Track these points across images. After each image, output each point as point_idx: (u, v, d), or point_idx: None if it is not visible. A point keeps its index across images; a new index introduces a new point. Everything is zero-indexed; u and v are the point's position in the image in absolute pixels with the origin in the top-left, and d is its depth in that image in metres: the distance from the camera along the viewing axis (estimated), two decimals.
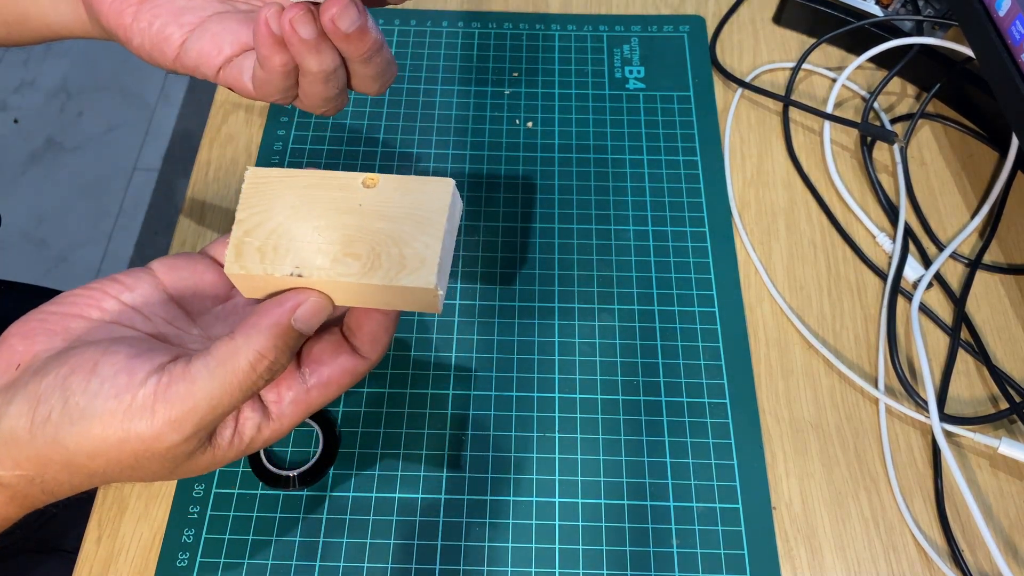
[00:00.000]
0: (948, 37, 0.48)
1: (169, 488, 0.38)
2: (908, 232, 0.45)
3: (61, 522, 0.56)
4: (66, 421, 0.24)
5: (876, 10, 0.50)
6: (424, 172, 0.48)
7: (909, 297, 0.43)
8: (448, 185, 0.26)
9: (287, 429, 0.28)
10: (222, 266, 0.30)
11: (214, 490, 0.38)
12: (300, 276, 0.26)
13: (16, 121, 1.39)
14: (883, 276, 0.44)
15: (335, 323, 0.30)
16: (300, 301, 0.26)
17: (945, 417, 0.39)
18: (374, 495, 0.38)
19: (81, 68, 1.45)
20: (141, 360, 0.25)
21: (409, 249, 0.26)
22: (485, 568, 0.36)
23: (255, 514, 0.37)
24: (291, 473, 0.38)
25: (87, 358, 0.25)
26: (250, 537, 0.37)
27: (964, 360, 0.42)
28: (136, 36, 0.32)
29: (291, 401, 0.28)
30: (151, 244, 1.24)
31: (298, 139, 0.49)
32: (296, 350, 0.27)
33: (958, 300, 0.43)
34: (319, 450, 0.38)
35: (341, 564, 0.36)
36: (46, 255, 1.25)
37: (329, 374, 0.28)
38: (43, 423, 0.24)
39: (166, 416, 0.24)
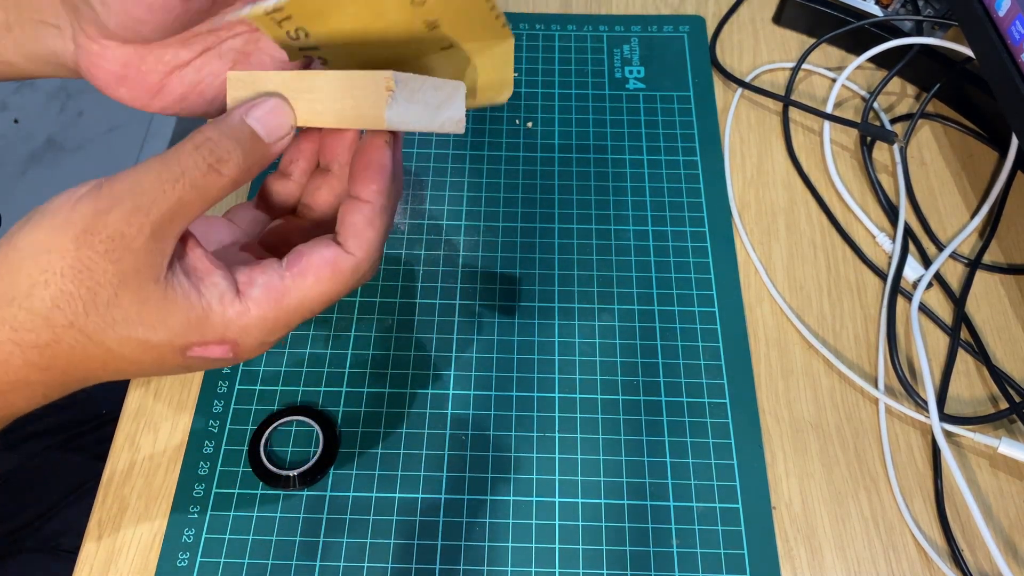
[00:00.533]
0: (948, 37, 0.48)
1: (170, 488, 0.38)
2: (908, 232, 0.45)
3: (61, 522, 0.56)
4: (22, 224, 0.23)
5: (876, 10, 0.50)
6: (424, 172, 0.48)
7: (909, 297, 0.43)
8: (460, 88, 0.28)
9: (255, 322, 0.26)
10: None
11: (214, 490, 0.38)
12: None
13: (16, 121, 1.39)
14: (883, 276, 0.44)
15: (326, 228, 0.29)
16: (258, 103, 0.25)
17: (945, 417, 0.39)
18: (374, 495, 0.38)
19: None
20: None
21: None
22: (485, 568, 0.36)
23: (255, 514, 0.37)
24: (291, 473, 0.38)
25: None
26: (250, 537, 0.37)
27: (964, 360, 0.42)
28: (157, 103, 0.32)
29: (263, 285, 0.26)
30: None
31: None
32: (255, 162, 0.25)
33: (958, 300, 0.43)
34: (319, 450, 0.38)
35: (341, 564, 0.36)
36: None
37: (307, 263, 0.26)
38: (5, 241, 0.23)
39: (110, 197, 0.23)
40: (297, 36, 0.28)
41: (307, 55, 0.30)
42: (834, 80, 0.51)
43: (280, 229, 0.32)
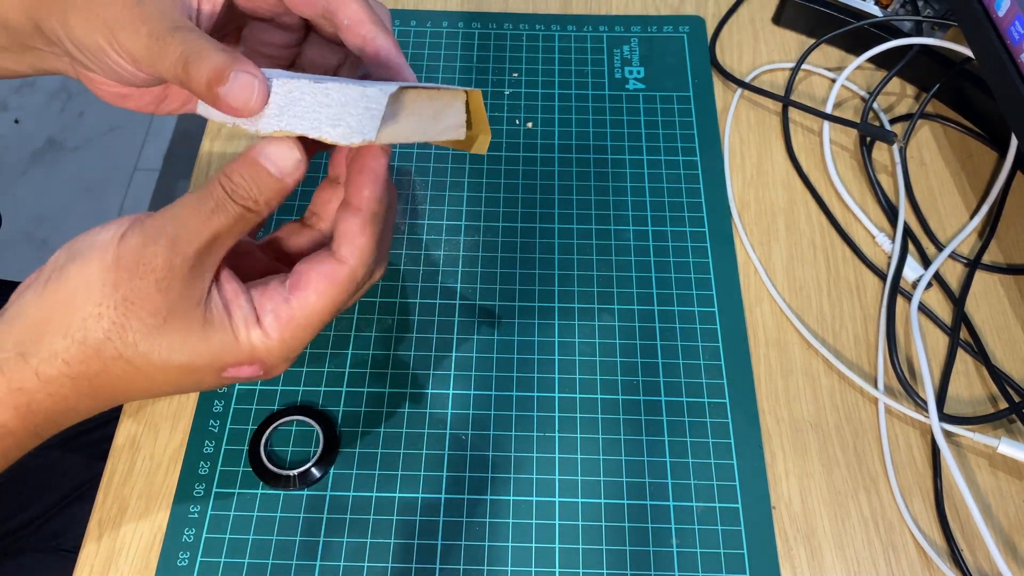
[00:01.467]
0: (947, 37, 0.48)
1: (170, 487, 0.38)
2: (907, 232, 0.45)
3: (61, 522, 0.56)
4: (59, 262, 0.26)
5: (875, 10, 0.50)
6: (425, 172, 0.48)
7: (908, 297, 0.43)
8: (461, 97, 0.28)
9: (276, 344, 0.28)
10: None
11: (214, 489, 0.38)
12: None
13: (17, 121, 1.40)
14: (882, 276, 0.44)
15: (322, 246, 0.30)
16: (267, 143, 0.26)
17: (944, 417, 0.39)
18: (374, 495, 0.38)
19: None
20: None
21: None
22: (485, 567, 0.36)
23: (255, 513, 0.37)
24: (291, 473, 0.38)
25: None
26: (250, 537, 0.37)
27: (963, 360, 0.42)
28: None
29: (272, 312, 0.27)
30: None
31: None
32: (272, 196, 0.26)
33: (957, 300, 0.43)
34: (319, 450, 0.38)
35: (341, 563, 0.36)
36: (47, 255, 1.25)
37: (306, 281, 0.27)
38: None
39: (155, 231, 0.25)
40: None
41: None
42: (834, 80, 0.51)
43: (288, 236, 0.33)
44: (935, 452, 0.39)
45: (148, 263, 0.25)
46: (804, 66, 0.52)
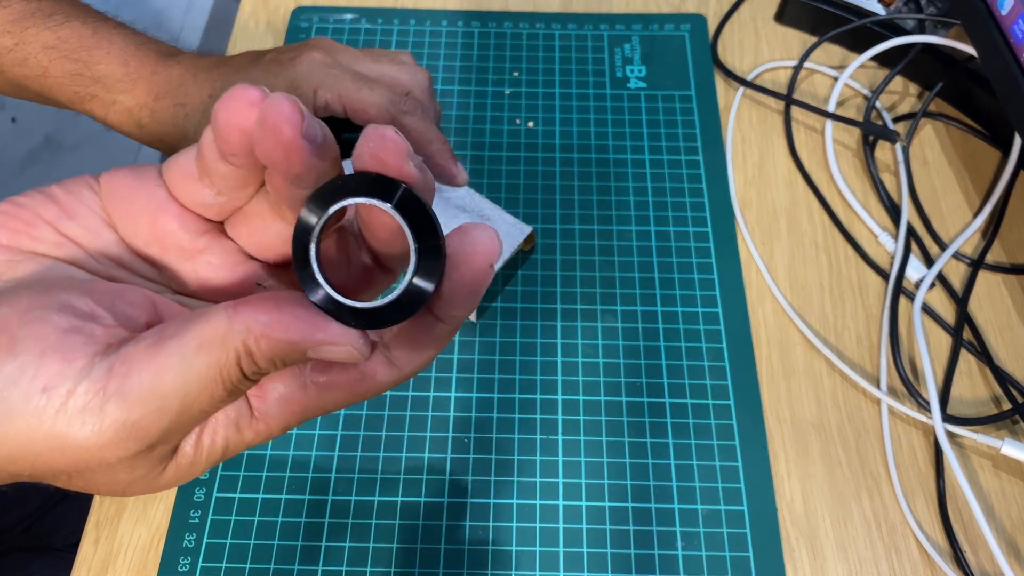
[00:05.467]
0: (950, 36, 0.48)
1: (170, 491, 0.38)
2: (910, 232, 0.45)
3: (51, 520, 0.56)
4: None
5: (878, 8, 0.50)
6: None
7: (911, 297, 0.43)
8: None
9: (275, 433, 0.21)
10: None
11: (215, 494, 0.38)
12: None
13: (14, 120, 1.39)
14: (885, 276, 0.44)
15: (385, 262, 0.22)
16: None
17: (947, 418, 0.39)
18: (376, 499, 0.38)
19: None
20: (80, 336, 0.18)
21: None
22: (489, 571, 0.36)
23: (256, 518, 0.37)
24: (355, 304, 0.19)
25: (1, 326, 0.18)
26: (252, 542, 0.36)
27: (966, 360, 0.42)
28: None
29: (279, 398, 0.20)
30: None
31: None
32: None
33: (960, 300, 0.43)
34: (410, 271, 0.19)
35: (344, 568, 0.36)
36: None
37: (337, 378, 0.20)
38: None
39: (120, 420, 0.17)
40: None
41: None
42: (836, 79, 0.51)
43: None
44: (938, 453, 0.39)
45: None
46: (806, 64, 0.51)
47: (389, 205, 0.18)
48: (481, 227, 0.19)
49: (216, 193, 0.20)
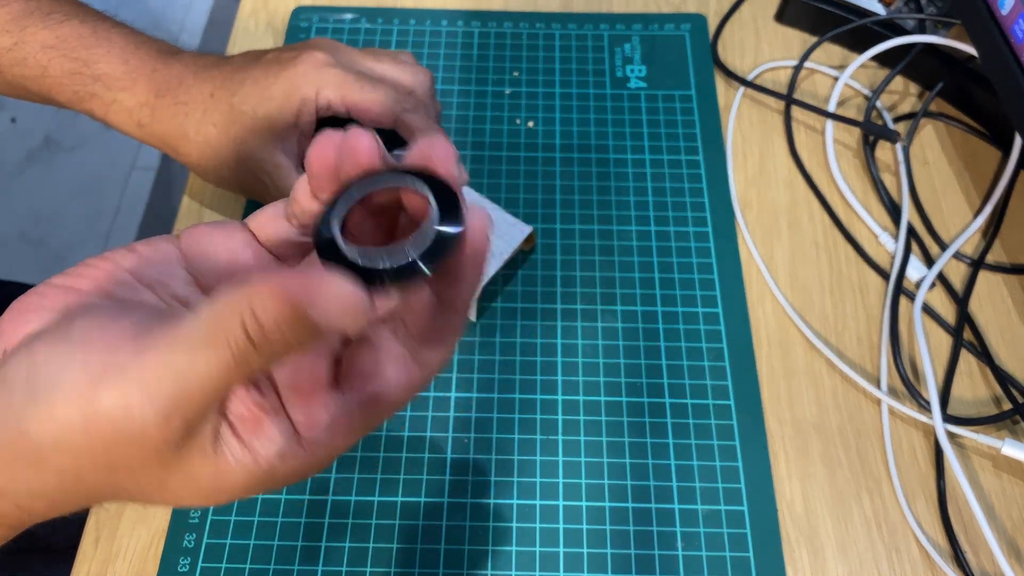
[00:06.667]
0: (951, 36, 0.48)
1: None
2: (911, 232, 0.45)
3: (51, 521, 0.56)
4: (29, 401, 0.19)
5: (878, 8, 0.50)
6: None
7: (912, 297, 0.43)
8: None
9: (328, 459, 0.22)
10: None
11: None
12: None
13: (13, 120, 1.39)
14: (886, 276, 0.44)
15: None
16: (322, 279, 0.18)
17: (948, 418, 0.39)
18: (376, 499, 0.38)
19: None
20: (123, 318, 0.19)
21: None
22: (489, 571, 0.36)
23: (256, 519, 0.37)
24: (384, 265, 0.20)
25: (63, 326, 0.20)
26: (252, 542, 0.36)
27: (967, 361, 0.42)
28: None
29: (329, 427, 0.21)
30: None
31: None
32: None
33: (961, 300, 0.43)
34: (434, 218, 0.21)
35: (344, 569, 0.36)
36: (44, 254, 1.25)
37: (379, 389, 0.21)
38: (5, 410, 0.19)
39: (139, 382, 0.18)
40: None
41: None
42: (836, 79, 0.51)
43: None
44: (938, 453, 0.39)
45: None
46: (807, 64, 0.51)
47: (409, 176, 0.21)
48: (475, 208, 0.21)
49: (301, 233, 0.23)
